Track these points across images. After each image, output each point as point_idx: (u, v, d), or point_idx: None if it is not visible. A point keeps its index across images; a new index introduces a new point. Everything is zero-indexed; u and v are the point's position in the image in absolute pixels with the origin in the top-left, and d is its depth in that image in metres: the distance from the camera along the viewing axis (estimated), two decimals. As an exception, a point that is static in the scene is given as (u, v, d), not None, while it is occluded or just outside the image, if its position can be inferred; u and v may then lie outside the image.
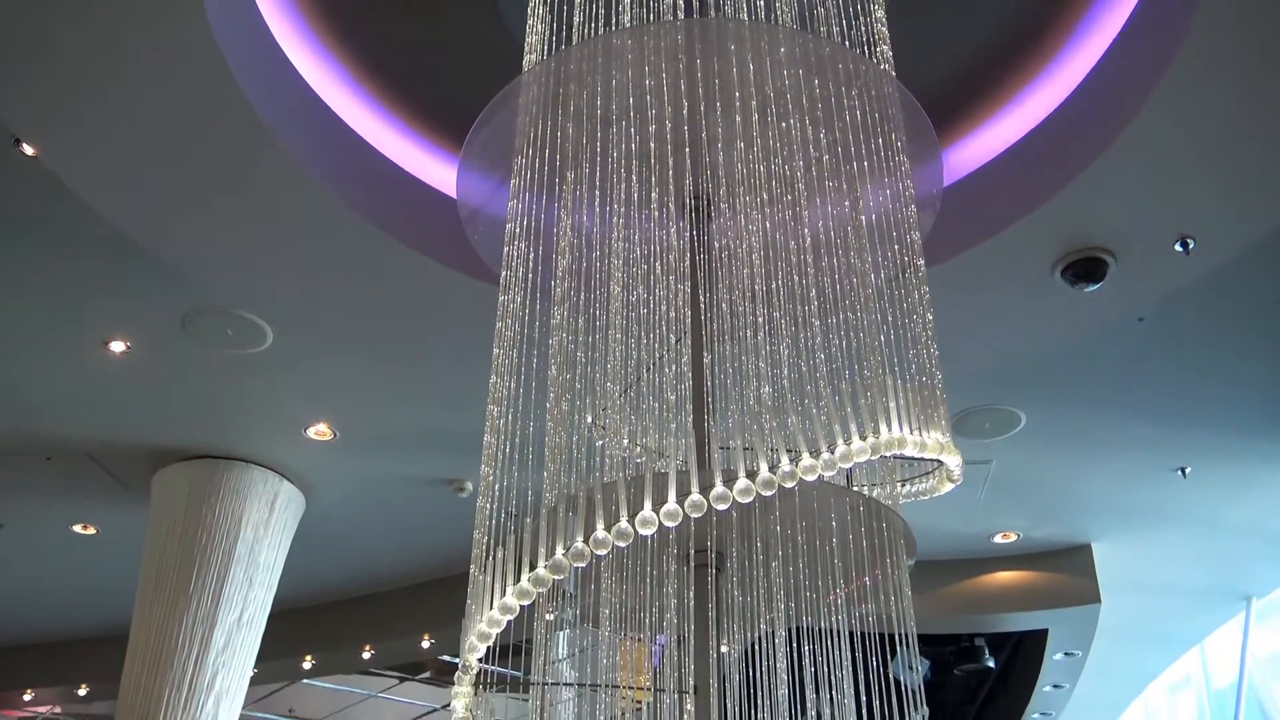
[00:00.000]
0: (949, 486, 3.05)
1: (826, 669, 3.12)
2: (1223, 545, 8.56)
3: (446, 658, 10.72)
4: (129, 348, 6.20)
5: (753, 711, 3.16)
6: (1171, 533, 8.34)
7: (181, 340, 6.10)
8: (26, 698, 11.64)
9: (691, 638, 2.91)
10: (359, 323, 6.01)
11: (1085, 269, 5.16)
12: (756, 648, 3.29)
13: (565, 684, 3.11)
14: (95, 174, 4.87)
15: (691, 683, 2.77)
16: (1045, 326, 5.86)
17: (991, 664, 10.03)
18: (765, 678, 3.18)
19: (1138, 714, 13.19)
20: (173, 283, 5.60)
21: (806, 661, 3.18)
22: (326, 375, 6.57)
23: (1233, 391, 6.55)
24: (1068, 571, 8.63)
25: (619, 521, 2.27)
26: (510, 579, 2.33)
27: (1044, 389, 6.49)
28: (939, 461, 3.09)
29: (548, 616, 3.12)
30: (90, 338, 6.13)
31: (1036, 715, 11.18)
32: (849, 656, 3.12)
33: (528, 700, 3.25)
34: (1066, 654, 9.64)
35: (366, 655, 9.94)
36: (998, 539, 8.56)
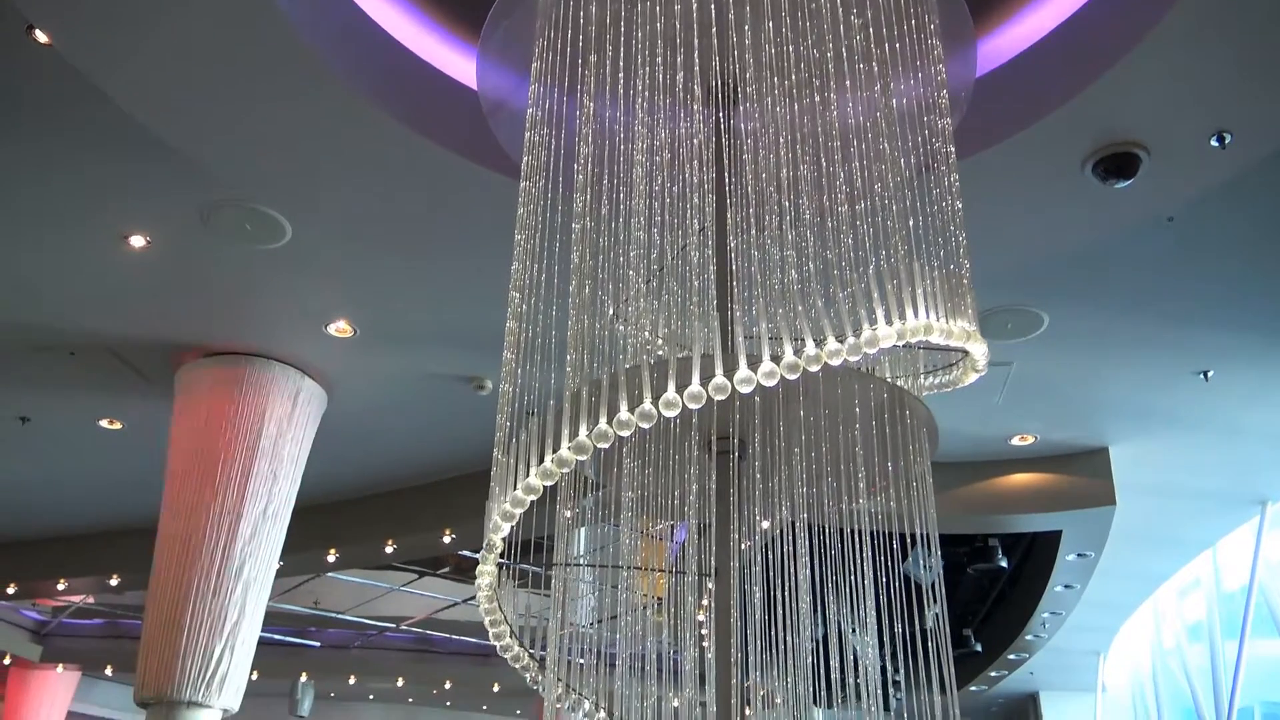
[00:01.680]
0: (973, 377, 3.03)
1: (843, 565, 3.15)
2: (1241, 450, 8.57)
3: (466, 553, 10.94)
4: (149, 242, 6.19)
5: (770, 598, 3.21)
6: (1190, 437, 8.33)
7: (201, 235, 6.08)
8: (60, 587, 11.98)
9: (712, 524, 2.93)
10: (378, 218, 5.97)
11: (1117, 164, 5.04)
12: (777, 540, 3.32)
13: (585, 564, 3.15)
14: (111, 64, 4.79)
15: (712, 566, 2.81)
16: (1073, 226, 5.77)
17: (1004, 564, 10.16)
18: (785, 564, 3.22)
19: (1146, 615, 13.39)
20: (191, 176, 5.56)
21: (824, 557, 3.21)
22: (346, 271, 6.56)
23: (1260, 294, 6.47)
24: (1084, 474, 8.66)
25: (642, 403, 2.27)
26: (534, 460, 2.34)
27: (1068, 290, 6.42)
28: (963, 352, 3.07)
29: (567, 513, 3.15)
30: (109, 231, 6.12)
31: (1046, 614, 11.36)
32: (866, 554, 3.15)
33: (549, 595, 3.30)
34: (1079, 555, 9.74)
35: (389, 549, 10.15)
36: (1015, 441, 8.58)
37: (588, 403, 2.34)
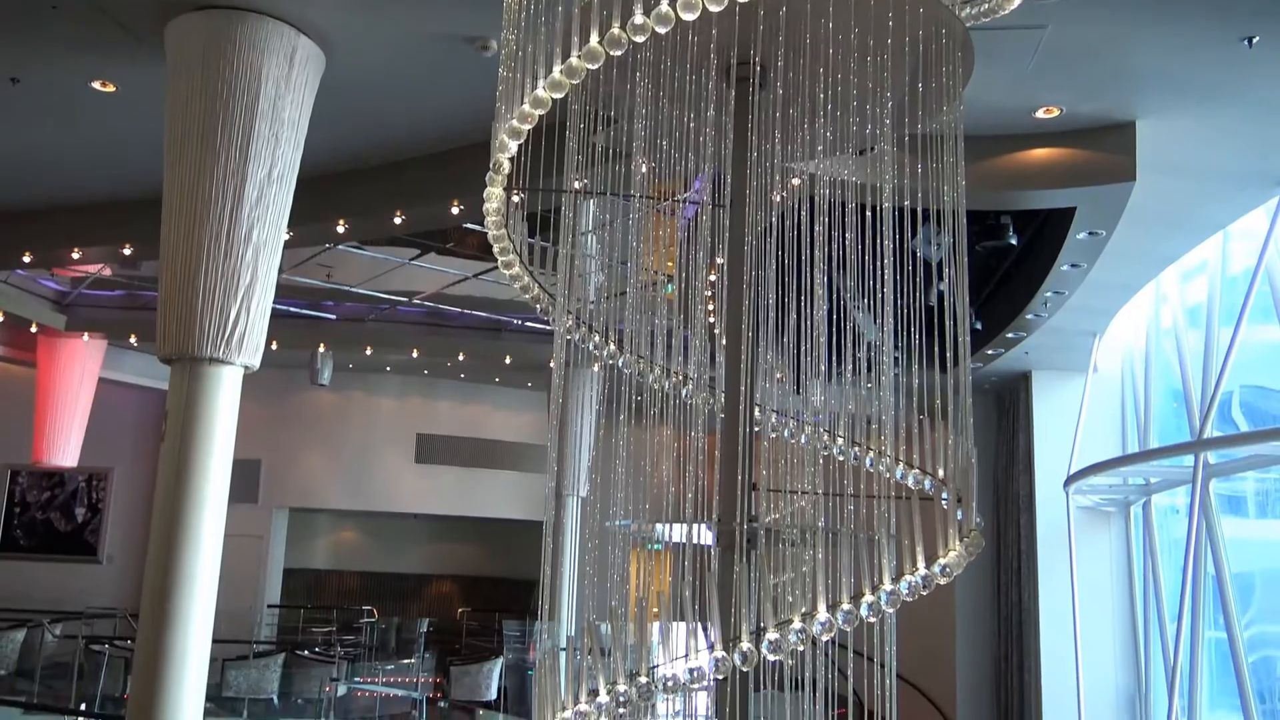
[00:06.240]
0: (1013, 4, 2.80)
1: (858, 233, 3.07)
2: (1272, 127, 8.28)
3: (471, 225, 10.93)
4: (118, -126, 5.69)
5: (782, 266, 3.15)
6: (1221, 111, 8.02)
7: None
8: (75, 256, 12.12)
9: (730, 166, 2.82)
10: None
11: None
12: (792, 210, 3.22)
13: (595, 194, 3.08)
14: None
15: (728, 198, 2.72)
16: None
17: (1014, 241, 10.14)
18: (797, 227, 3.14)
19: (1148, 297, 13.56)
20: None
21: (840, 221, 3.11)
22: (335, -88, 6.07)
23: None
24: (1107, 149, 8.43)
25: (659, 5, 2.09)
26: (542, 72, 2.19)
27: (1116, -59, 5.94)
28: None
29: (576, 184, 3.03)
30: None
31: (1049, 294, 11.48)
32: (880, 221, 3.05)
33: (554, 275, 3.24)
34: (1090, 233, 9.69)
35: (398, 220, 10.14)
36: (1039, 114, 8.28)
37: (599, 11, 2.16)
